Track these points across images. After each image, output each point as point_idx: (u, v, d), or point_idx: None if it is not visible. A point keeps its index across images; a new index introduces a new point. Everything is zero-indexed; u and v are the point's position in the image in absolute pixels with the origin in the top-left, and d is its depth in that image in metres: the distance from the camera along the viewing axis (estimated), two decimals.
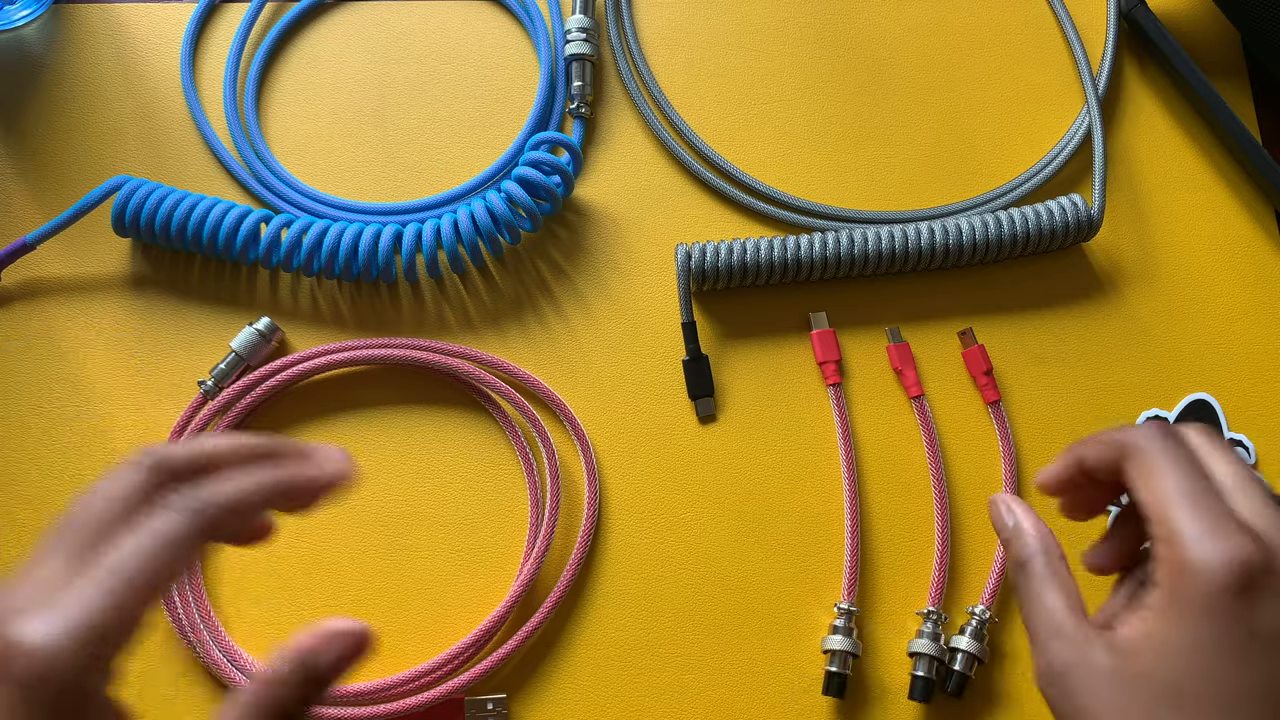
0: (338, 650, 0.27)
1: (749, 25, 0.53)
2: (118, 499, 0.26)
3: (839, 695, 0.42)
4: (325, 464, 0.29)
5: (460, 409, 0.46)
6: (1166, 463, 0.29)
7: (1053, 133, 0.51)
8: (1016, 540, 0.32)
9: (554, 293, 0.48)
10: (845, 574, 0.44)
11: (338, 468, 0.29)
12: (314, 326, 0.47)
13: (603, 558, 0.44)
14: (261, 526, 0.30)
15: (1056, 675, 0.29)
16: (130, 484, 0.27)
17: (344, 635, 0.27)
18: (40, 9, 0.51)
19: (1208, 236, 0.50)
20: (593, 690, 0.43)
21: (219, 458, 0.28)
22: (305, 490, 0.28)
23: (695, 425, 0.46)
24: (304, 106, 0.50)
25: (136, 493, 0.27)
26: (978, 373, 0.46)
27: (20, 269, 0.47)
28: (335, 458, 0.29)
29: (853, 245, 0.46)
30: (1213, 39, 0.53)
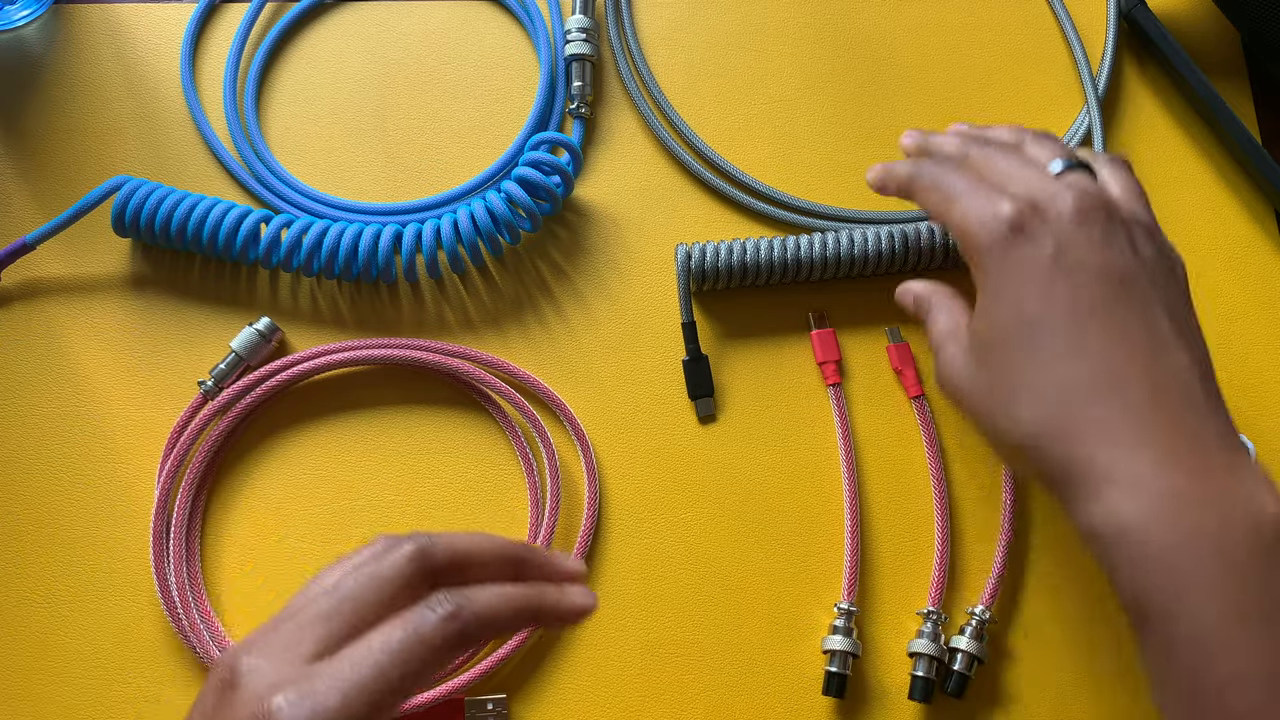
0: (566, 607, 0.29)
1: (749, 25, 0.53)
2: (385, 584, 0.27)
3: (839, 695, 0.42)
4: (575, 597, 0.30)
5: (460, 409, 0.46)
6: (940, 180, 0.36)
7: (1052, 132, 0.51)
8: (917, 302, 0.39)
9: (554, 293, 0.48)
10: (845, 574, 0.44)
11: (585, 603, 0.30)
12: (314, 326, 0.47)
13: (603, 558, 0.44)
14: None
15: (940, 365, 0.36)
16: (399, 573, 0.28)
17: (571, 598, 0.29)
18: (40, 9, 0.51)
19: (1208, 236, 0.50)
20: (593, 690, 0.43)
21: (478, 557, 0.29)
22: (552, 619, 0.30)
23: (695, 425, 0.46)
24: (304, 106, 0.50)
25: (402, 581, 0.28)
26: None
27: (20, 269, 0.47)
28: (584, 593, 0.30)
29: (853, 245, 0.46)
30: (1213, 39, 0.53)
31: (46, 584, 0.43)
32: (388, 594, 0.27)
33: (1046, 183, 0.34)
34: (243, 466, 0.45)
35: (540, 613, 0.29)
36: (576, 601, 0.30)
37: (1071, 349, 0.32)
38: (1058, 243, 0.32)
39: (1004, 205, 0.33)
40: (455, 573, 0.29)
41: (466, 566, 0.29)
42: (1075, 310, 0.32)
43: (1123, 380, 0.31)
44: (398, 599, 0.27)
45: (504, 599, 0.28)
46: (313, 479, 0.45)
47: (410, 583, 0.28)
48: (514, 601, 0.29)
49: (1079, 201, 0.33)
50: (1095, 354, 0.31)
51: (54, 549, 0.44)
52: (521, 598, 0.29)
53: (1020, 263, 0.32)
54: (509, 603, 0.28)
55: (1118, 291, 0.32)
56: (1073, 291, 0.32)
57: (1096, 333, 0.32)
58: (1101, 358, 0.31)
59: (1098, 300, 0.32)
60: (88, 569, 0.44)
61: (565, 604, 0.30)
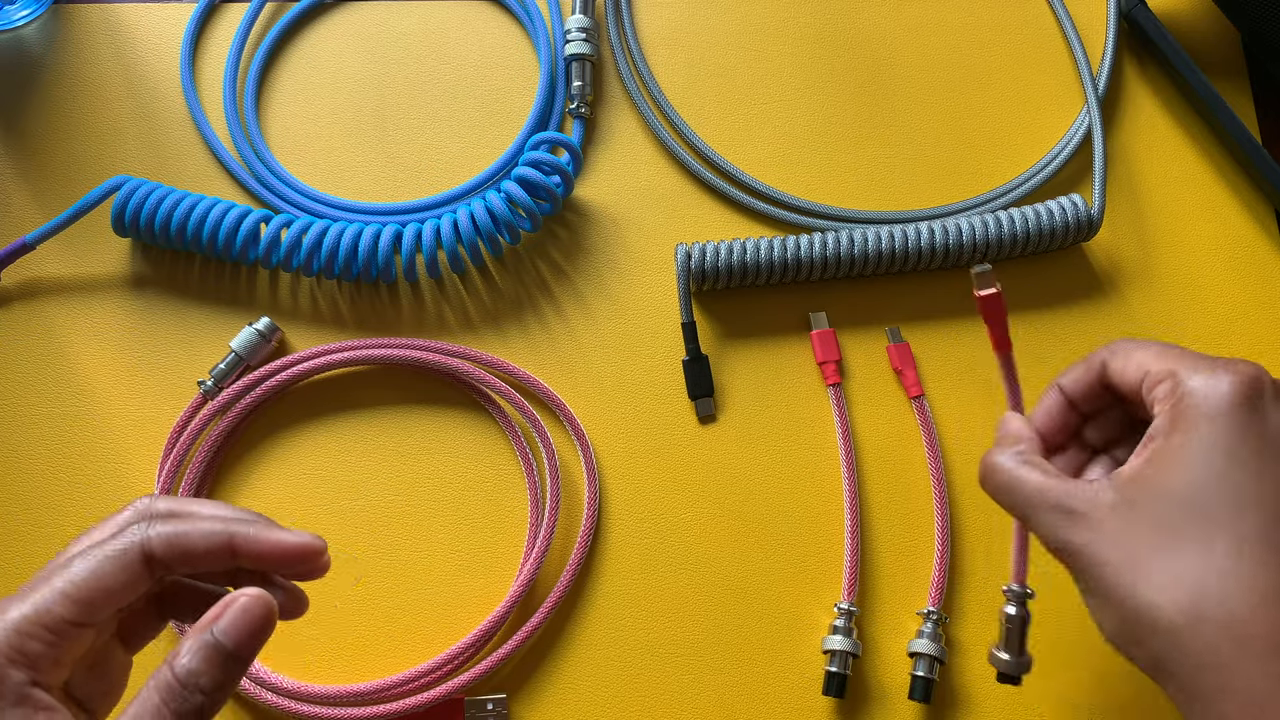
0: (246, 624, 0.27)
1: (749, 25, 0.53)
2: (97, 532, 0.29)
3: (839, 695, 0.42)
4: (288, 533, 0.30)
5: (460, 409, 0.46)
6: (1146, 343, 0.32)
7: (1053, 133, 0.51)
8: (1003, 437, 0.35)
9: (554, 293, 0.48)
10: (845, 574, 0.44)
11: (301, 539, 0.30)
12: (314, 326, 0.47)
13: (603, 558, 0.44)
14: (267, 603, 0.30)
15: (1072, 524, 0.31)
16: (112, 521, 0.29)
17: (251, 604, 0.28)
18: (40, 9, 0.51)
19: (1208, 236, 0.50)
20: (593, 690, 0.43)
21: (199, 510, 0.30)
22: (257, 550, 0.29)
23: (695, 425, 0.46)
24: (304, 106, 0.50)
25: (113, 528, 0.29)
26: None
27: (20, 269, 0.47)
28: (302, 534, 0.30)
29: (853, 245, 0.46)
30: (1213, 39, 0.53)
31: None
32: (96, 537, 0.29)
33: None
34: (243, 466, 0.45)
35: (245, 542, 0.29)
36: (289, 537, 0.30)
37: (1274, 543, 0.28)
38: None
39: (1239, 368, 0.30)
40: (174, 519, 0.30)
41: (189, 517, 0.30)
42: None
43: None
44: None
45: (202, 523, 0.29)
46: (313, 479, 0.45)
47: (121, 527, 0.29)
48: (212, 525, 0.29)
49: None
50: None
51: (54, 549, 0.44)
52: (223, 525, 0.29)
53: (1240, 428, 0.29)
54: (207, 524, 0.29)
55: None
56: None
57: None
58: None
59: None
60: None
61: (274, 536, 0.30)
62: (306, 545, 0.30)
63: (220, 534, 0.29)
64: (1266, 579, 0.28)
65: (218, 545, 0.29)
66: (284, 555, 0.30)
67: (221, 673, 0.27)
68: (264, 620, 0.28)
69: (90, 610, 0.27)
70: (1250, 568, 0.28)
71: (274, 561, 0.30)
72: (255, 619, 0.27)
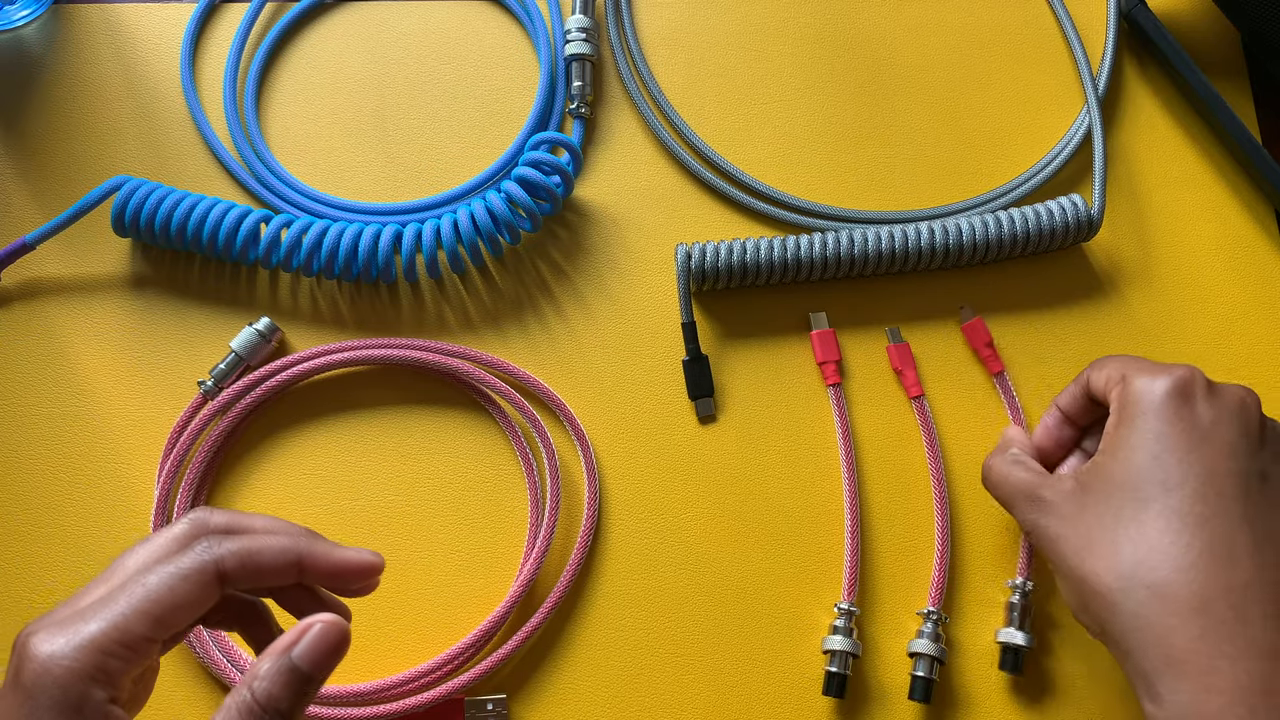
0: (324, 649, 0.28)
1: (749, 25, 0.53)
2: (157, 547, 0.29)
3: (839, 695, 0.42)
4: (351, 551, 0.31)
5: (460, 409, 0.46)
6: (1117, 356, 0.38)
7: (1053, 133, 0.51)
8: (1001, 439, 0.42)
9: (554, 293, 0.48)
10: (845, 574, 0.44)
11: (364, 557, 0.31)
12: (314, 326, 0.47)
13: (603, 558, 0.44)
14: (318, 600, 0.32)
15: (1038, 511, 0.37)
16: (171, 536, 0.29)
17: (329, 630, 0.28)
18: (40, 9, 0.51)
19: (1208, 236, 0.50)
20: (593, 690, 0.43)
21: (255, 524, 0.31)
22: (323, 567, 0.30)
23: (695, 425, 0.46)
24: (304, 106, 0.50)
25: (175, 543, 0.29)
26: (979, 345, 0.47)
27: (20, 269, 0.47)
28: (364, 552, 0.31)
29: (853, 245, 0.46)
30: (1213, 39, 0.53)
31: (47, 584, 0.43)
32: (160, 553, 0.29)
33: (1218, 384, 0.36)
34: (243, 466, 0.45)
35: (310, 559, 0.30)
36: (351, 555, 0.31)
37: (1197, 518, 0.33)
38: (1215, 415, 0.34)
39: (1179, 370, 0.35)
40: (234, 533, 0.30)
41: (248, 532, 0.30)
42: (1213, 485, 0.33)
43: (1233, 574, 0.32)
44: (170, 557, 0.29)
45: (269, 540, 0.30)
46: (313, 479, 0.45)
47: (183, 543, 0.29)
48: (281, 543, 0.30)
49: (1248, 396, 0.35)
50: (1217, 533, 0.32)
51: (54, 549, 0.44)
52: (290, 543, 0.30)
53: (1173, 419, 0.34)
54: (275, 541, 0.30)
55: (1258, 486, 0.34)
56: (1214, 467, 0.33)
57: (1223, 517, 0.33)
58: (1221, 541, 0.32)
59: (1236, 488, 0.33)
60: (88, 569, 0.44)
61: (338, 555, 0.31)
62: (368, 563, 0.31)
63: (290, 551, 0.30)
64: (1188, 549, 0.32)
65: (287, 563, 0.30)
66: (347, 572, 0.31)
67: (298, 696, 0.28)
68: (339, 644, 0.28)
69: (167, 628, 0.28)
70: (1175, 539, 0.32)
71: (337, 578, 0.31)
72: (331, 643, 0.28)
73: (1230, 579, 0.32)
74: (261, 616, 0.32)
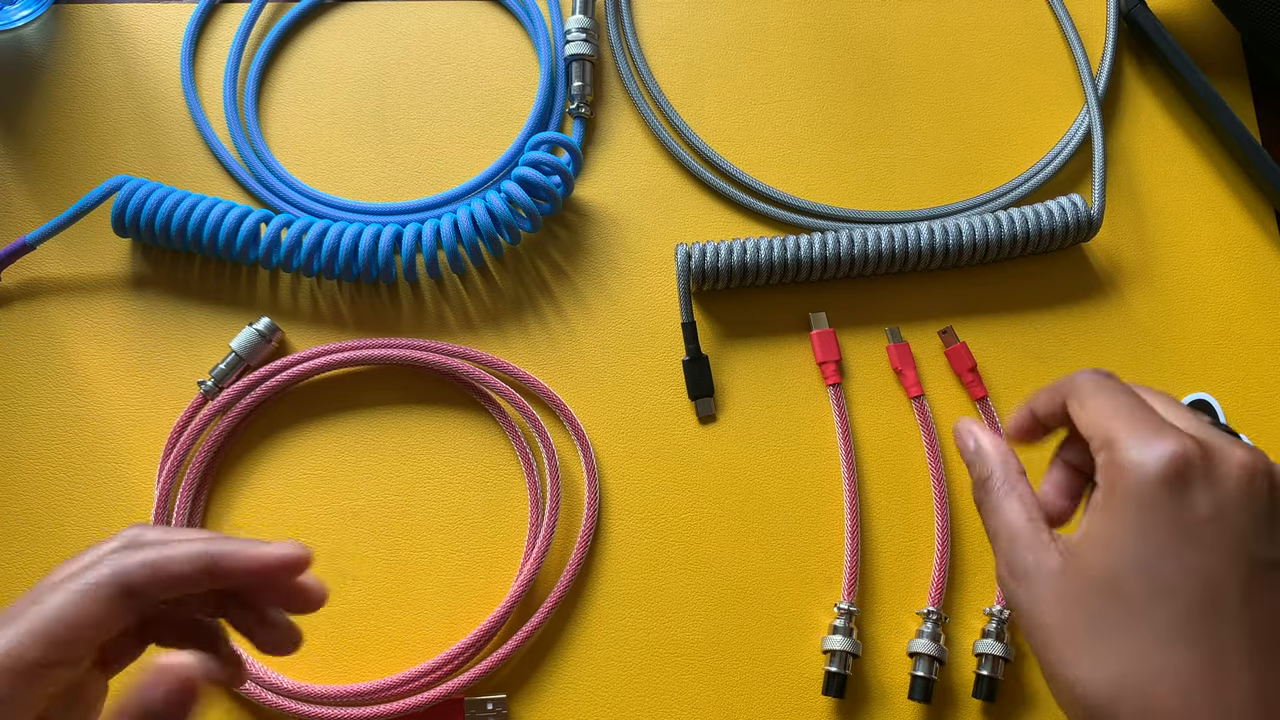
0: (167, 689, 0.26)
1: (749, 25, 0.53)
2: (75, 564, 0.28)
3: (839, 695, 0.42)
4: (267, 545, 0.29)
5: (460, 409, 0.46)
6: (1101, 391, 0.32)
7: (1053, 133, 0.51)
8: (978, 460, 0.33)
9: (554, 293, 0.48)
10: (845, 574, 0.44)
11: (282, 550, 0.29)
12: (314, 326, 0.47)
13: (603, 558, 0.44)
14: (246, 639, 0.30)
15: (1016, 579, 0.31)
16: (95, 553, 0.28)
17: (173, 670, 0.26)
18: (40, 9, 0.51)
19: (1208, 236, 0.50)
20: (593, 690, 0.43)
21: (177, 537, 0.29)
22: (238, 566, 0.28)
23: (695, 425, 0.46)
24: (304, 106, 0.50)
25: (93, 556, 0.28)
26: (963, 370, 0.46)
27: (20, 269, 0.47)
28: (283, 545, 0.29)
29: (853, 245, 0.46)
30: (1213, 39, 0.53)
31: None
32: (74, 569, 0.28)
33: (1214, 429, 0.30)
34: (243, 466, 0.45)
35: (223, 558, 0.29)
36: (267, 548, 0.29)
37: (1189, 636, 0.28)
38: (1217, 505, 0.28)
39: (1172, 439, 0.29)
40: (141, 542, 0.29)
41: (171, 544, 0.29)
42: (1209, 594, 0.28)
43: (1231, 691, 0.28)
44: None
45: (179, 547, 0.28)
46: (313, 479, 0.45)
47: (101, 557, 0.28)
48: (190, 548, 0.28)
49: (1253, 462, 0.29)
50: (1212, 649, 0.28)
51: (54, 549, 0.44)
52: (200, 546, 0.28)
53: (1169, 510, 0.28)
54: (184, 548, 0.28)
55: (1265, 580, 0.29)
56: (1212, 571, 0.28)
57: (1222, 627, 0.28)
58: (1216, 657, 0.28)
59: (1238, 590, 0.28)
60: None
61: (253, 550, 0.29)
62: (286, 556, 0.29)
63: (201, 555, 0.28)
64: (1179, 673, 0.28)
65: (198, 568, 0.28)
66: (266, 568, 0.28)
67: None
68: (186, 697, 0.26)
69: (63, 649, 0.26)
70: (1166, 656, 0.28)
71: (257, 576, 0.29)
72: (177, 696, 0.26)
73: (1229, 697, 0.28)
74: (215, 637, 0.30)
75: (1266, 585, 0.28)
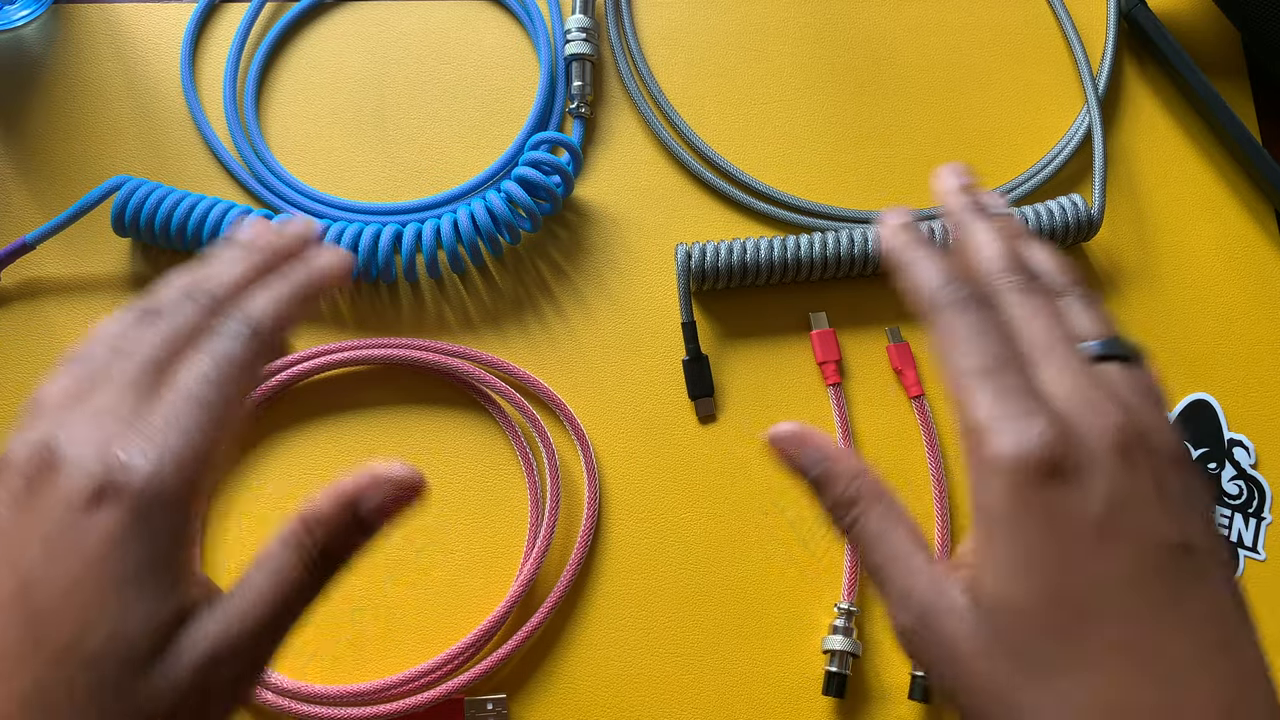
0: (383, 495, 0.27)
1: (749, 25, 0.53)
2: (174, 333, 0.27)
3: (839, 695, 0.42)
4: (326, 256, 0.31)
5: (460, 409, 0.46)
6: (965, 336, 0.27)
7: (1053, 133, 0.51)
8: (833, 479, 0.28)
9: (554, 293, 0.48)
10: (845, 574, 0.44)
11: (336, 258, 0.31)
12: (314, 326, 0.47)
13: (603, 558, 0.44)
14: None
15: (919, 625, 0.26)
16: (185, 315, 0.27)
17: (391, 480, 0.27)
18: (40, 9, 0.51)
19: (1208, 236, 0.50)
20: (593, 690, 0.43)
21: (247, 277, 0.29)
22: (323, 283, 0.30)
23: (695, 425, 0.46)
24: (304, 106, 0.50)
25: (187, 327, 0.27)
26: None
27: (20, 269, 0.47)
28: (330, 249, 0.31)
29: (853, 245, 0.46)
30: (1213, 39, 0.53)
31: None
32: (180, 340, 0.27)
33: (1083, 383, 0.26)
34: (243, 466, 0.45)
35: (309, 285, 0.30)
36: (330, 260, 0.31)
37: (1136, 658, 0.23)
38: (1107, 498, 0.24)
39: (1035, 427, 0.24)
40: (226, 301, 0.28)
41: (238, 290, 0.29)
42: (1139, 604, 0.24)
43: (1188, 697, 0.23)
44: (190, 341, 0.27)
45: (277, 297, 0.28)
46: (313, 479, 0.45)
47: (194, 324, 0.27)
48: (287, 292, 0.29)
49: (1122, 430, 0.25)
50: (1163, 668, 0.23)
51: None
52: (289, 285, 0.29)
53: (1054, 518, 0.24)
54: (284, 296, 0.29)
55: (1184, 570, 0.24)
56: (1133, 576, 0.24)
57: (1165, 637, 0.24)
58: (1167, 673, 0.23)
59: (1163, 592, 0.24)
60: None
61: (322, 267, 0.31)
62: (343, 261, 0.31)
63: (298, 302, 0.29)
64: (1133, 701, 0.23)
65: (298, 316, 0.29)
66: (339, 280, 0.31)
67: (356, 547, 0.28)
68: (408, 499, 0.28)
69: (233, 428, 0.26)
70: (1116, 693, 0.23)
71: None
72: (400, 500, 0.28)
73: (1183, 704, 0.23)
74: None
75: (1187, 574, 0.24)
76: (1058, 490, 0.24)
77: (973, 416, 0.25)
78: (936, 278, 0.29)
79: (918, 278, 0.29)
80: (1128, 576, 0.24)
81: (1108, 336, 0.28)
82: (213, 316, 0.27)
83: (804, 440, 0.29)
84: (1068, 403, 0.25)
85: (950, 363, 0.27)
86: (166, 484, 0.24)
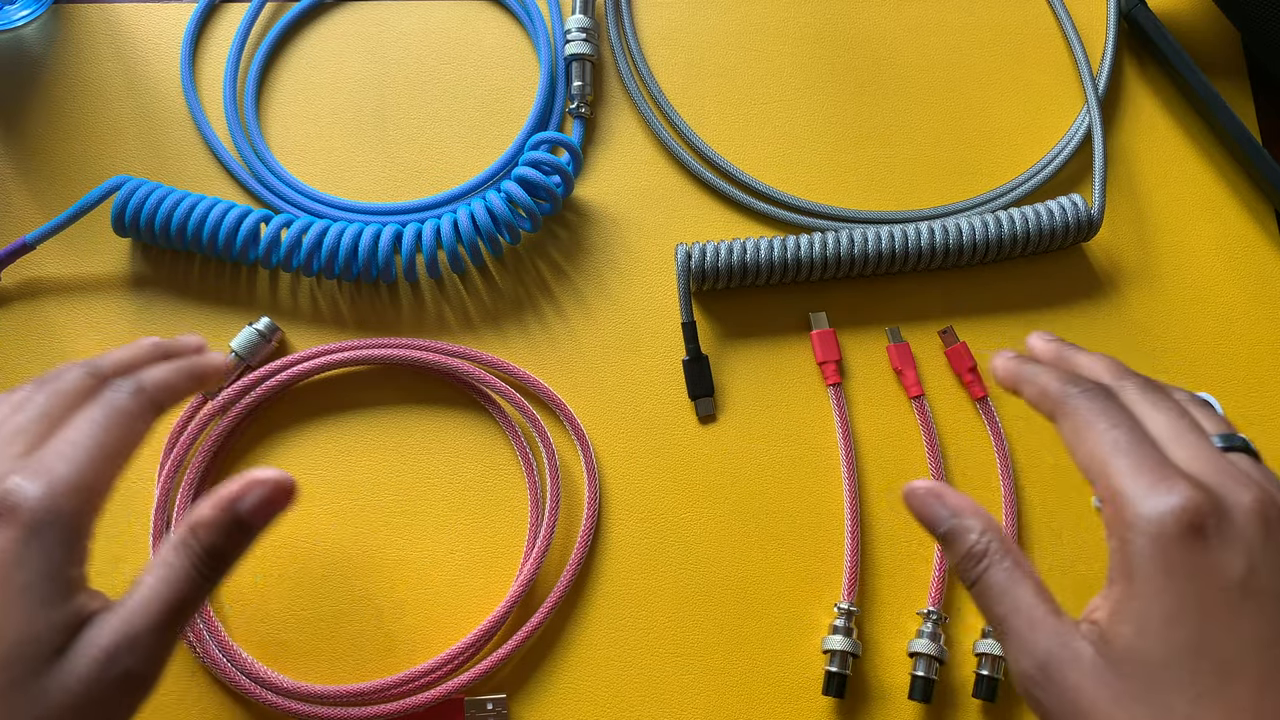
0: (258, 496, 0.30)
1: (749, 25, 0.53)
2: (68, 394, 0.31)
3: (839, 695, 0.42)
4: (214, 357, 0.36)
5: (460, 409, 0.46)
6: (1097, 419, 0.28)
7: (1053, 133, 0.51)
8: (964, 533, 0.30)
9: (554, 293, 0.48)
10: (845, 574, 0.44)
11: (219, 359, 0.36)
12: (314, 326, 0.47)
13: (603, 558, 0.44)
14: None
15: (1041, 674, 0.27)
16: (78, 382, 0.31)
17: (265, 483, 0.30)
18: (40, 9, 0.51)
19: (1208, 236, 0.50)
20: (593, 690, 0.43)
21: (136, 360, 0.33)
22: (207, 375, 0.35)
23: (695, 425, 0.46)
24: (304, 106, 0.50)
25: (82, 389, 0.31)
26: (963, 370, 0.46)
27: (20, 269, 0.47)
28: (217, 355, 0.36)
29: (853, 245, 0.46)
30: (1213, 39, 0.53)
31: None
32: (71, 399, 0.31)
33: (1218, 462, 0.28)
34: (243, 466, 0.45)
35: (194, 369, 0.34)
36: (215, 358, 0.36)
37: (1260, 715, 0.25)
38: (1249, 563, 0.25)
39: (1177, 491, 0.26)
40: (117, 373, 0.33)
41: (129, 368, 0.33)
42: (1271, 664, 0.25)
43: None
44: (81, 400, 0.31)
45: (165, 369, 0.33)
46: (313, 479, 0.45)
47: (87, 387, 0.31)
48: (174, 367, 0.33)
49: (1262, 502, 0.26)
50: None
51: None
52: (175, 364, 0.34)
53: (1197, 575, 0.25)
54: (171, 368, 0.33)
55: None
56: (1271, 637, 0.25)
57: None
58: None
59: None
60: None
61: (209, 362, 0.35)
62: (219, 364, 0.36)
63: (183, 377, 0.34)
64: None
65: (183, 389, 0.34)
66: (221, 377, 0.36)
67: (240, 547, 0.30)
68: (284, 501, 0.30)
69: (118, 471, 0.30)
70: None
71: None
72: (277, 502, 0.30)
73: None
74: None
75: None
76: (1202, 550, 0.26)
77: (1116, 485, 0.27)
78: (1062, 378, 0.31)
79: (1043, 384, 0.31)
80: (1268, 639, 0.25)
81: (1228, 432, 0.30)
82: (104, 383, 0.31)
83: (938, 496, 0.30)
84: (1204, 476, 0.27)
85: (1085, 443, 0.28)
86: (56, 506, 0.27)
